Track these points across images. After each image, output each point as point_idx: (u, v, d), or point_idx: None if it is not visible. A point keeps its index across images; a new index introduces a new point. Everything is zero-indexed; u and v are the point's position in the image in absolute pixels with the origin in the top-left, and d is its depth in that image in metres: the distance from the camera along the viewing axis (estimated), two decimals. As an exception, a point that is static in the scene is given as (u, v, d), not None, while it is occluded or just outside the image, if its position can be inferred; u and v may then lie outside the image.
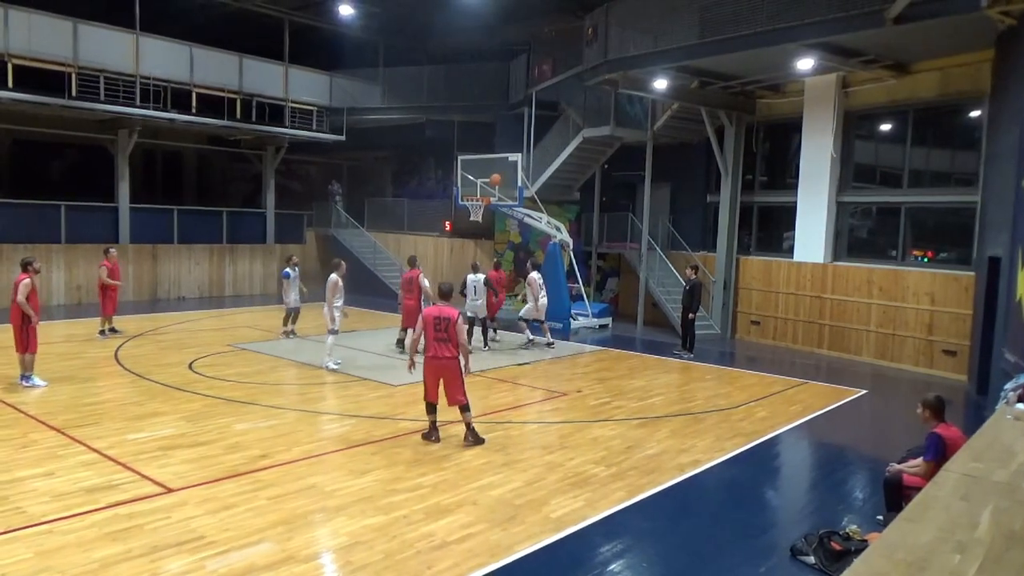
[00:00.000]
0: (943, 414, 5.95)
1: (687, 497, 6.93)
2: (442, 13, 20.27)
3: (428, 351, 7.92)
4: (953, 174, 14.52)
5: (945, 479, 3.47)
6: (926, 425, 5.97)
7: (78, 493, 6.18)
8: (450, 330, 7.80)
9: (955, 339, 13.26)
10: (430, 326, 7.87)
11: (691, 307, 14.29)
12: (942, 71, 13.55)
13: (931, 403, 5.96)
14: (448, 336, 7.81)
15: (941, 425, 5.85)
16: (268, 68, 21.05)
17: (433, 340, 7.86)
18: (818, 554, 5.45)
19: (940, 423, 5.87)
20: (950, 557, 2.59)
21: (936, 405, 5.95)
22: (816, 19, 11.83)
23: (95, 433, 7.87)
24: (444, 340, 7.82)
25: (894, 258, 14.72)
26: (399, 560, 5.22)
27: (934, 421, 5.90)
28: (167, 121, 19.10)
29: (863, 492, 7.30)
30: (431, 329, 7.86)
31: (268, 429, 8.32)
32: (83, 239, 18.65)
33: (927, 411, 5.96)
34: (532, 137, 19.46)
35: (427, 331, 7.89)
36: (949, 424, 5.91)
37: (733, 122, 16.61)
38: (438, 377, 7.90)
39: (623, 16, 15.06)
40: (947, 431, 5.76)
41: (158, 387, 10.09)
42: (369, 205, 25.47)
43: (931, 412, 5.94)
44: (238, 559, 5.12)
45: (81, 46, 17.15)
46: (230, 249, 21.95)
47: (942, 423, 5.88)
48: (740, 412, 10.04)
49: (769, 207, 17.28)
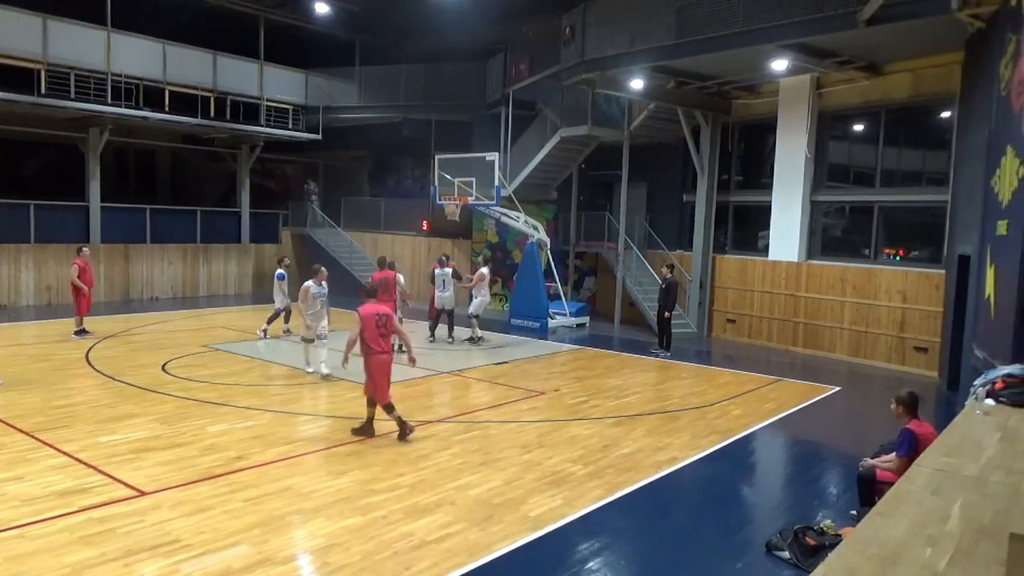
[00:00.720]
0: (916, 410, 6.04)
1: (664, 495, 6.98)
2: (419, 12, 20.18)
3: (376, 347, 7.96)
4: (924, 174, 14.75)
5: (916, 474, 3.52)
6: (899, 421, 6.06)
7: (49, 497, 6.07)
8: (389, 325, 8.12)
9: (926, 336, 13.48)
10: (371, 324, 7.95)
11: (668, 305, 14.38)
12: (913, 73, 13.76)
13: (904, 399, 6.04)
14: (388, 331, 8.09)
15: (914, 421, 5.94)
16: (243, 66, 20.83)
17: (378, 337, 7.99)
18: (793, 549, 5.51)
19: (913, 419, 5.97)
20: (922, 551, 2.63)
21: (909, 401, 6.03)
22: (791, 20, 11.96)
23: (66, 436, 7.74)
24: (385, 335, 8.08)
25: (867, 257, 14.92)
26: (377, 561, 5.19)
27: (907, 417, 5.99)
28: (140, 119, 18.83)
29: (837, 488, 7.39)
30: (373, 327, 7.95)
31: (244, 430, 8.24)
32: (53, 239, 18.34)
33: (900, 407, 6.05)
34: (509, 136, 19.45)
35: (368, 330, 7.94)
36: (922, 420, 6.01)
37: (709, 122, 16.73)
38: (389, 373, 8.08)
39: (600, 16, 15.10)
40: (919, 427, 5.85)
41: (131, 389, 9.95)
42: (346, 204, 25.30)
43: (904, 408, 6.03)
44: (214, 562, 5.06)
45: (51, 43, 16.86)
46: (204, 249, 21.69)
47: (915, 419, 5.97)
48: (716, 410, 10.12)
49: (745, 206, 17.44)
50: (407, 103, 22.57)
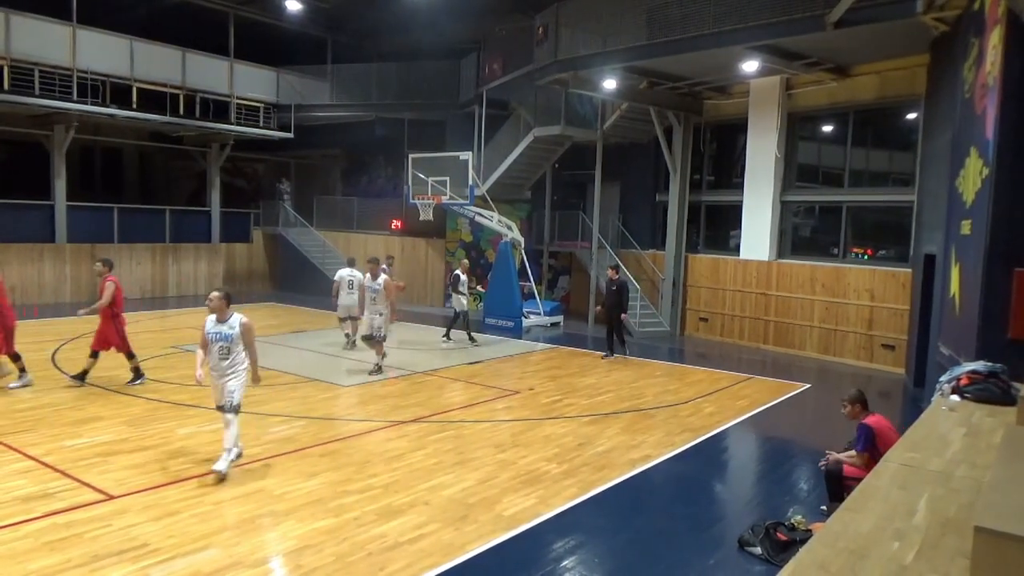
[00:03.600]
0: (867, 405, 6.29)
1: (638, 492, 7.01)
2: (391, 10, 20.08)
3: None
4: (891, 174, 15.00)
5: (884, 469, 3.58)
6: (856, 419, 6.22)
7: (12, 503, 5.93)
8: None
9: (893, 334, 13.71)
10: None
11: (623, 307, 13.75)
12: (880, 75, 13.99)
13: (856, 398, 6.31)
14: None
15: (869, 416, 6.14)
16: (213, 63, 20.55)
17: None
18: (765, 545, 5.57)
19: (868, 414, 6.17)
20: (889, 544, 2.67)
21: (862, 398, 6.30)
22: (760, 22, 12.11)
23: (30, 440, 7.57)
24: None
25: (836, 256, 15.14)
26: (350, 562, 5.15)
27: (864, 413, 6.18)
28: (106, 116, 18.49)
29: (807, 484, 7.49)
30: None
31: (213, 433, 8.10)
32: (17, 238, 17.95)
33: (856, 406, 6.30)
34: (483, 136, 19.43)
35: None
36: (874, 413, 6.22)
37: (681, 122, 16.86)
38: None
39: (573, 16, 15.16)
40: (874, 420, 6.08)
41: (97, 391, 9.77)
42: (318, 203, 25.09)
43: (860, 406, 6.27)
44: (183, 566, 4.98)
45: (14, 38, 16.49)
46: (174, 248, 21.37)
47: (869, 414, 6.17)
48: (688, 408, 10.20)
49: (716, 206, 17.60)
50: (380, 102, 22.45)
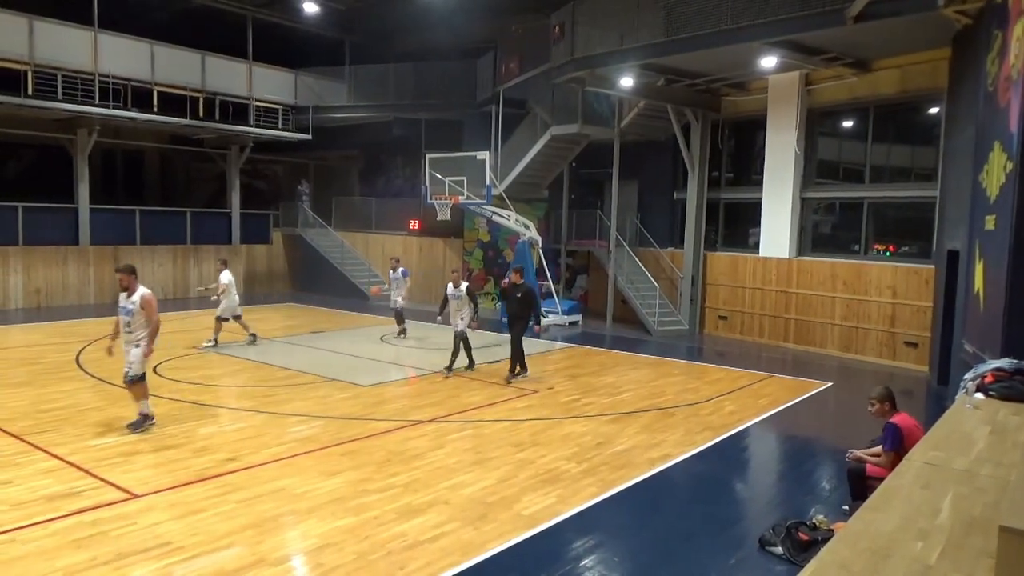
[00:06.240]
0: (896, 403, 6.14)
1: (658, 491, 6.99)
2: (408, 11, 20.15)
3: None
4: (913, 170, 14.82)
5: (907, 468, 3.54)
6: (883, 417, 6.12)
7: (39, 501, 6.03)
8: None
9: (916, 331, 13.55)
10: None
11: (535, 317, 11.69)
12: (901, 69, 13.82)
13: (884, 395, 6.14)
14: None
15: (896, 415, 6.01)
16: (231, 66, 20.74)
17: None
18: (786, 544, 5.53)
19: (895, 413, 6.04)
20: (913, 544, 2.64)
21: (890, 396, 6.14)
22: (778, 17, 12.01)
23: (55, 439, 7.69)
24: None
25: (857, 252, 14.99)
26: (371, 561, 5.18)
27: (892, 412, 6.06)
28: (128, 120, 18.73)
29: (829, 483, 7.43)
30: None
31: (236, 432, 8.21)
32: (41, 241, 18.23)
33: (885, 404, 6.12)
34: (500, 135, 19.43)
35: None
36: (903, 413, 6.09)
37: (699, 119, 16.76)
38: None
39: (589, 14, 15.12)
40: (903, 420, 5.93)
41: (121, 391, 9.87)
42: (336, 204, 25.24)
43: (888, 404, 6.12)
44: (207, 564, 5.04)
45: (37, 43, 16.74)
46: (194, 250, 21.58)
47: (897, 412, 6.05)
48: (709, 406, 10.14)
49: (735, 203, 17.48)
50: (397, 102, 22.53)
